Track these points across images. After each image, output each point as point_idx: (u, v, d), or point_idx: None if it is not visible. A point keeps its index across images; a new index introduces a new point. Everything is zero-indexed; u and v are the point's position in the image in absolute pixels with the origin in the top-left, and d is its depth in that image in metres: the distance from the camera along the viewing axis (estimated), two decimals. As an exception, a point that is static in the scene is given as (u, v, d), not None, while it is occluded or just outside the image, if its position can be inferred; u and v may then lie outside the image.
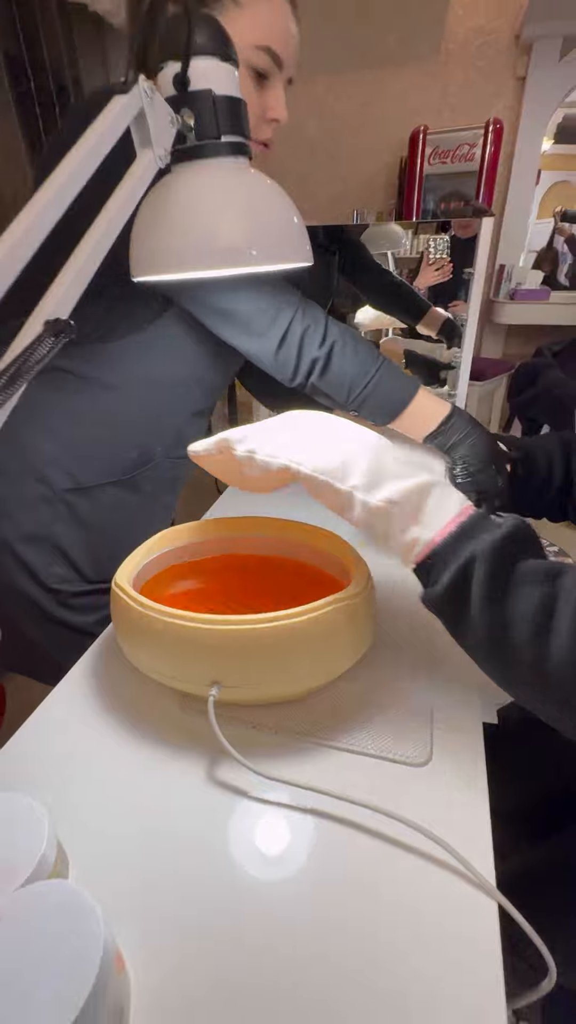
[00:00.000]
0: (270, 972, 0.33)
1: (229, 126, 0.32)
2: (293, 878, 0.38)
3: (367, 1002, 0.31)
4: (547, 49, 2.37)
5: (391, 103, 2.60)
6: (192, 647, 0.44)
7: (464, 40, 2.44)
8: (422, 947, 0.34)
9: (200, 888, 0.37)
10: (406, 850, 0.39)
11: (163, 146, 0.29)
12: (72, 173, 0.21)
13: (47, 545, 0.67)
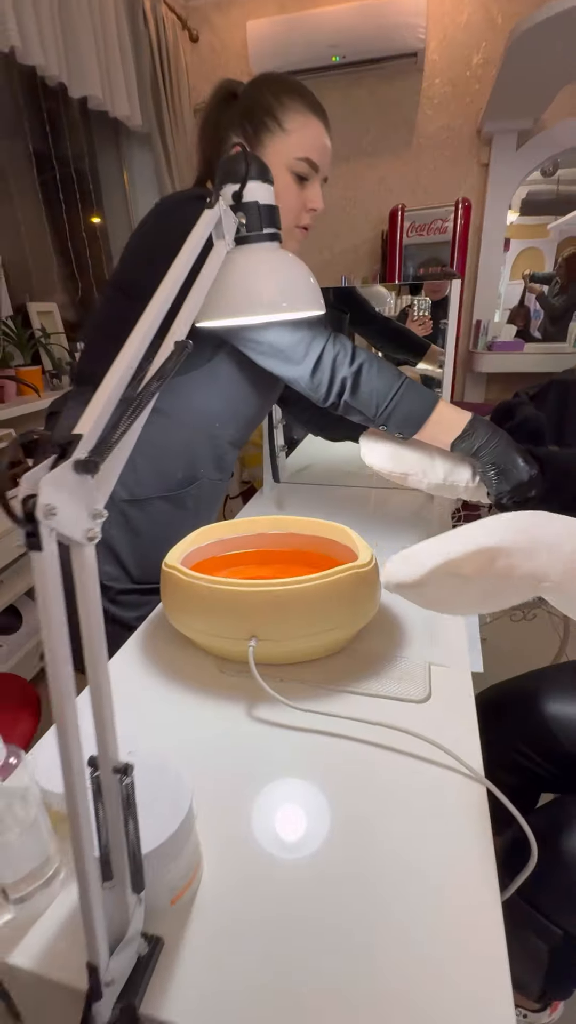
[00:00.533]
0: (299, 842, 0.42)
1: (268, 223, 0.47)
2: (318, 783, 0.47)
3: (389, 865, 0.40)
4: (505, 141, 2.74)
5: (371, 187, 2.96)
6: (234, 607, 0.55)
7: (433, 135, 2.82)
8: (430, 823, 0.43)
9: (245, 788, 0.46)
10: (412, 757, 0.49)
11: (230, 238, 0.43)
12: (184, 264, 0.35)
13: (103, 546, 0.79)
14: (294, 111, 0.71)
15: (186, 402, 0.78)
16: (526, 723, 0.81)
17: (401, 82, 2.76)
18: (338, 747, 0.50)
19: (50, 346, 2.26)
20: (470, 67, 2.67)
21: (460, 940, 0.35)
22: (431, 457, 0.79)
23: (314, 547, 0.70)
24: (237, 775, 0.48)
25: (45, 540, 0.22)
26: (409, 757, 0.49)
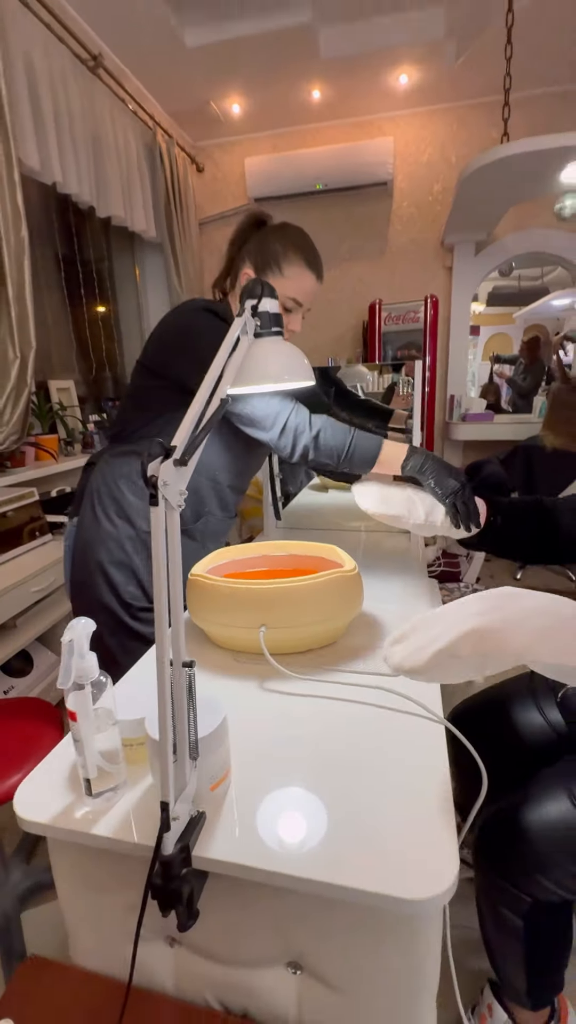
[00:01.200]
0: (303, 760, 0.55)
1: (274, 325, 0.68)
2: (318, 726, 0.61)
3: (372, 764, 0.54)
4: (464, 249, 3.23)
5: (351, 285, 3.41)
6: (248, 601, 0.71)
7: (403, 245, 3.31)
8: (403, 756, 0.56)
9: (263, 732, 0.60)
10: (388, 709, 0.62)
11: (251, 334, 0.64)
12: (224, 352, 0.55)
13: (128, 570, 0.95)
14: (294, 263, 0.94)
15: None
16: (494, 730, 0.93)
17: (374, 204, 3.28)
18: (332, 706, 0.64)
19: (66, 417, 2.51)
20: (432, 193, 3.20)
21: (421, 802, 0.48)
22: (413, 501, 0.97)
23: (309, 561, 0.86)
24: (255, 724, 0.61)
25: (160, 499, 0.40)
26: (386, 710, 0.63)
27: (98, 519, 0.97)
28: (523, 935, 0.73)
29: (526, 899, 0.72)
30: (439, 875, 0.41)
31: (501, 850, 0.73)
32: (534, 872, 0.70)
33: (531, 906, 0.72)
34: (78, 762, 0.49)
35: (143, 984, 0.56)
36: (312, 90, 2.85)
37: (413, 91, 2.88)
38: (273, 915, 0.49)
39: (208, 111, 3.01)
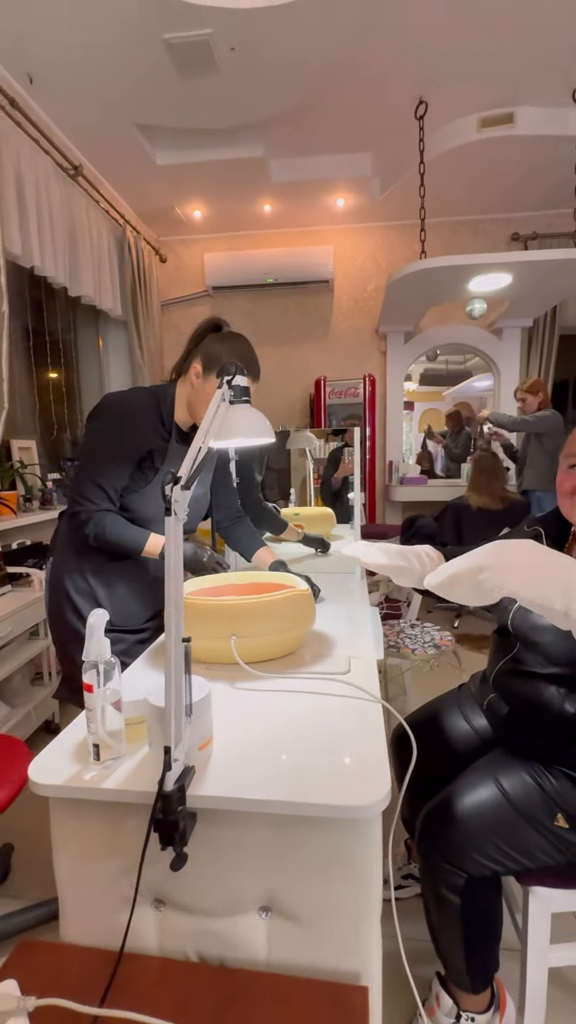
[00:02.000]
0: (269, 741, 0.68)
1: (244, 395, 0.88)
2: (282, 712, 0.74)
3: (325, 734, 0.67)
4: (395, 338, 3.73)
5: (299, 364, 3.82)
6: (221, 615, 0.85)
7: (343, 331, 3.78)
8: (350, 727, 0.71)
9: (235, 721, 0.72)
10: (339, 696, 0.77)
11: (227, 402, 0.84)
12: (210, 415, 0.73)
13: (90, 596, 1.10)
14: (213, 370, 1.09)
15: (142, 504, 1.12)
16: (431, 738, 1.07)
17: (318, 297, 3.76)
18: (293, 697, 0.78)
19: (26, 475, 2.59)
20: (366, 291, 3.73)
21: (362, 752, 0.62)
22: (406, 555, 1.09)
23: (269, 587, 1.02)
24: (230, 712, 0.73)
25: (172, 511, 0.56)
26: (338, 697, 0.77)
27: (65, 557, 1.14)
28: (460, 911, 0.84)
29: (462, 875, 0.83)
30: (376, 790, 0.56)
31: (440, 834, 0.85)
32: (468, 850, 0.82)
33: (467, 882, 0.83)
34: (88, 731, 0.60)
35: (131, 948, 0.63)
36: (264, 204, 3.34)
37: (348, 212, 3.44)
38: (249, 859, 0.60)
39: (173, 214, 3.44)
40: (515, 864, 0.80)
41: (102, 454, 1.09)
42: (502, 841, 0.80)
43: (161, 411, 1.13)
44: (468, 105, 2.58)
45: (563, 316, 3.56)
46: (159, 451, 1.12)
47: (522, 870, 0.80)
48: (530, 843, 0.79)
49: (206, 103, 2.41)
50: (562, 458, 0.89)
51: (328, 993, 0.58)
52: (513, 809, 0.80)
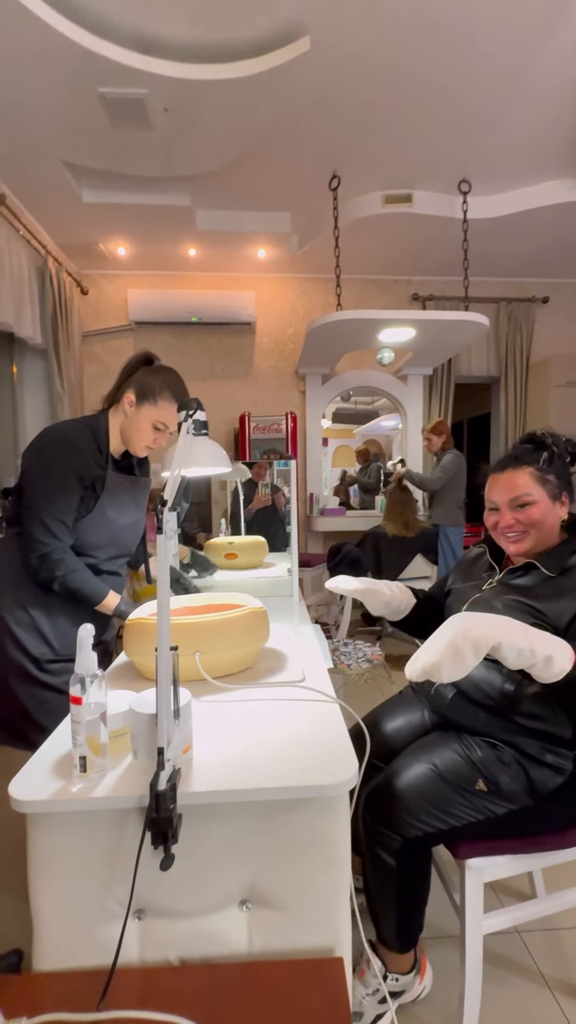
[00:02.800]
0: (240, 743, 0.74)
1: (203, 428, 0.96)
2: (247, 717, 0.80)
3: (294, 742, 0.74)
4: (314, 379, 4.00)
5: (224, 399, 3.95)
6: (186, 633, 0.90)
7: (266, 370, 3.98)
8: (311, 725, 0.78)
9: (206, 731, 0.77)
10: (297, 700, 0.84)
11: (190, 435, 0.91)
12: (179, 448, 0.79)
13: (33, 629, 1.09)
14: (165, 398, 1.17)
15: (85, 532, 1.14)
16: (382, 738, 1.16)
17: (241, 338, 3.95)
18: (256, 705, 0.84)
19: None
20: (286, 335, 3.98)
21: (325, 742, 0.70)
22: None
23: (225, 607, 1.08)
24: (200, 724, 0.78)
25: (163, 528, 0.62)
26: (297, 701, 0.85)
27: (3, 591, 1.11)
28: (395, 871, 0.94)
29: (397, 839, 0.94)
30: (346, 770, 0.64)
31: (380, 805, 0.96)
32: (402, 814, 0.93)
33: (401, 844, 0.94)
34: (74, 744, 0.62)
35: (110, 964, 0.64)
36: (189, 248, 3.50)
37: (269, 262, 3.70)
38: (230, 853, 0.65)
39: (96, 249, 3.47)
40: (441, 824, 0.92)
41: (51, 489, 1.09)
42: (430, 805, 0.92)
43: (97, 440, 1.17)
44: (374, 183, 2.95)
45: (457, 367, 4.06)
46: (99, 480, 1.15)
47: (448, 828, 0.92)
48: (453, 805, 0.92)
49: (137, 153, 2.53)
50: (486, 500, 1.05)
51: (308, 969, 0.64)
52: (442, 779, 0.93)
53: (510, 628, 0.75)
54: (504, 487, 1.01)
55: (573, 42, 2.03)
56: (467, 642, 0.72)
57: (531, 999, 1.06)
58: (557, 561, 0.96)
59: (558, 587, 0.93)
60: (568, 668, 0.75)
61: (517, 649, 0.73)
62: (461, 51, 2.07)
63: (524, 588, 0.96)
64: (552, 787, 0.92)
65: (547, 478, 1.00)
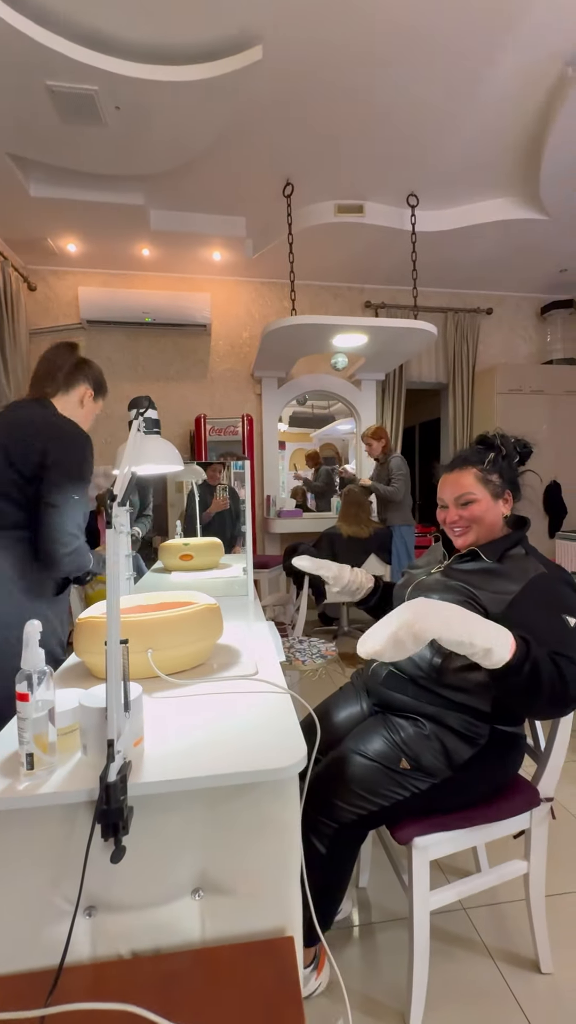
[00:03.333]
0: (192, 736, 0.75)
1: (155, 427, 0.96)
2: (202, 712, 0.81)
3: (246, 732, 0.76)
4: (270, 382, 4.03)
5: (178, 401, 3.91)
6: (136, 630, 0.90)
7: (221, 373, 3.98)
8: (263, 715, 0.80)
9: (158, 725, 0.77)
10: (251, 692, 0.86)
11: (141, 433, 0.90)
12: (128, 446, 0.78)
13: None
14: (103, 394, 1.39)
15: None
16: (329, 728, 1.20)
17: (196, 339, 3.93)
18: (210, 699, 0.85)
19: None
20: (242, 338, 4.00)
21: (277, 730, 0.72)
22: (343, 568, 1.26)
23: (178, 605, 1.08)
24: (152, 719, 0.78)
25: (112, 522, 0.62)
26: (249, 693, 0.86)
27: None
28: (323, 860, 0.98)
29: (332, 825, 0.98)
30: (295, 754, 0.66)
31: (317, 792, 1.00)
32: (337, 801, 0.98)
33: (335, 831, 0.98)
34: (21, 741, 0.62)
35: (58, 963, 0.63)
36: (143, 248, 3.46)
37: (224, 265, 3.72)
38: (183, 843, 0.66)
39: (44, 244, 3.37)
40: (372, 805, 0.97)
41: (84, 484, 1.20)
42: (360, 789, 0.97)
43: None
44: (327, 192, 3.03)
45: (408, 373, 4.21)
46: None
47: (378, 810, 0.97)
48: (381, 785, 0.97)
49: (88, 149, 2.49)
50: (438, 498, 1.13)
51: (260, 951, 0.65)
52: (371, 763, 0.98)
53: (451, 623, 0.79)
54: (452, 486, 1.09)
55: (514, 67, 2.17)
56: (409, 635, 0.78)
57: (475, 969, 1.12)
58: (496, 551, 1.03)
59: (494, 575, 1.00)
60: (507, 658, 0.80)
61: (456, 642, 0.78)
62: (409, 72, 2.16)
63: (465, 573, 1.04)
64: (467, 757, 0.99)
65: (490, 478, 1.08)
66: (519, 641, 0.82)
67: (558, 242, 3.44)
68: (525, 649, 0.81)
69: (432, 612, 0.80)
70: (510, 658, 0.80)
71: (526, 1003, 1.04)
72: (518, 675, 0.80)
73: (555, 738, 1.06)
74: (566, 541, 2.56)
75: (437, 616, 0.79)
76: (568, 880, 1.34)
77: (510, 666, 0.80)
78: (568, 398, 4.02)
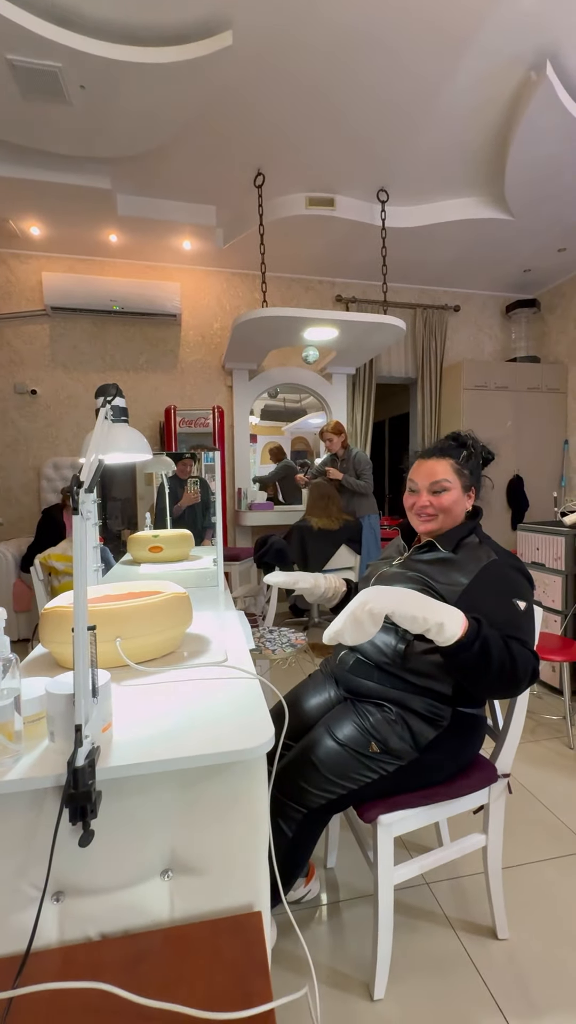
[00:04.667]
0: (163, 722, 0.76)
1: (123, 415, 0.95)
2: (172, 699, 0.81)
3: (215, 719, 0.77)
4: (240, 374, 4.01)
5: (148, 392, 3.85)
6: (104, 619, 0.89)
7: (192, 364, 3.94)
8: (232, 700, 0.81)
9: (128, 712, 0.78)
10: (221, 679, 0.87)
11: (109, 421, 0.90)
12: (97, 434, 0.77)
13: None
14: None
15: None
16: (297, 715, 1.22)
17: (166, 329, 3.87)
18: (179, 686, 0.86)
19: None
20: (212, 329, 3.96)
21: (245, 713, 0.74)
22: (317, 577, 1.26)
23: (144, 594, 1.08)
24: (121, 707, 0.78)
25: (80, 510, 0.62)
26: (220, 679, 0.88)
27: None
28: (289, 842, 1.02)
29: (301, 810, 1.01)
30: (263, 735, 0.68)
31: (287, 777, 1.03)
32: (307, 787, 1.01)
33: (304, 816, 1.01)
34: (-13, 730, 0.61)
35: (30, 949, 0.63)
36: (110, 234, 3.37)
37: (195, 254, 3.66)
38: (152, 824, 0.66)
39: (6, 227, 3.25)
40: (341, 789, 1.00)
41: None
42: (331, 774, 1.00)
43: None
44: (298, 184, 3.02)
45: (378, 368, 4.26)
46: None
47: (347, 793, 1.00)
48: (351, 769, 1.01)
49: (52, 128, 2.41)
50: (408, 481, 1.16)
51: (227, 927, 0.67)
52: (341, 748, 1.01)
53: (404, 600, 0.84)
54: (427, 472, 1.12)
55: (479, 70, 2.21)
56: (364, 612, 0.83)
57: (436, 939, 1.17)
58: (451, 540, 1.07)
59: (449, 564, 1.04)
60: (459, 634, 0.84)
61: (411, 617, 0.83)
62: (378, 68, 2.18)
63: (423, 564, 1.07)
64: (431, 738, 1.03)
65: (463, 471, 1.12)
66: (470, 620, 0.86)
67: (522, 243, 3.53)
68: (476, 627, 0.86)
69: (385, 592, 0.85)
70: (461, 634, 0.84)
71: (484, 968, 1.10)
72: (468, 651, 0.85)
73: (511, 718, 1.11)
74: (527, 533, 2.66)
75: (390, 595, 0.85)
76: (522, 852, 1.41)
77: (461, 643, 0.84)
78: (531, 395, 4.15)
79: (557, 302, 4.26)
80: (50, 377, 3.69)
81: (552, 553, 2.47)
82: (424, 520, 1.12)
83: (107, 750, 0.66)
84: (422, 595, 0.86)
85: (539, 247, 3.62)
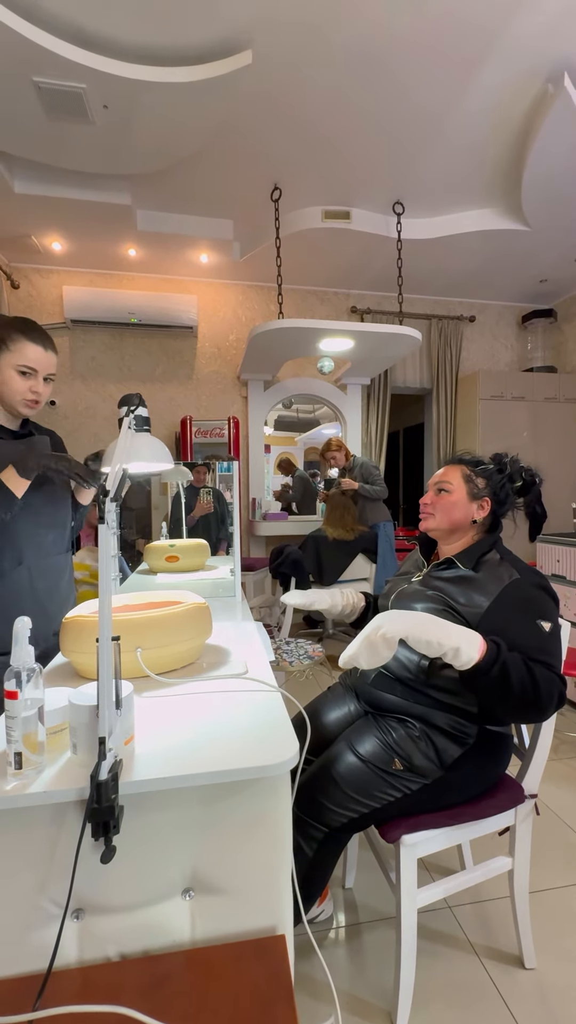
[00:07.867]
0: (185, 734, 0.74)
1: (145, 424, 0.95)
2: (194, 711, 0.80)
3: (238, 732, 0.76)
4: (256, 385, 4.04)
5: (164, 402, 3.89)
6: (127, 629, 0.89)
7: (207, 375, 3.97)
8: (255, 714, 0.80)
9: (149, 724, 0.76)
10: (241, 691, 0.86)
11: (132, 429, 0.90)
12: (120, 443, 0.77)
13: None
14: (15, 339, 1.11)
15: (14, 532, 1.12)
16: (317, 729, 1.20)
17: (182, 341, 3.92)
18: (201, 698, 0.85)
19: None
20: (228, 341, 4.00)
21: (269, 728, 0.72)
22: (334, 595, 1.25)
23: (163, 604, 1.07)
24: (143, 719, 0.77)
25: (104, 518, 0.62)
26: (240, 692, 0.86)
27: None
28: (309, 861, 0.99)
29: (323, 829, 0.98)
30: (287, 751, 0.66)
31: (310, 796, 1.00)
32: (329, 805, 0.98)
33: (325, 836, 0.98)
34: (9, 740, 0.60)
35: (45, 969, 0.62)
36: (129, 248, 3.44)
37: (211, 267, 3.71)
38: (174, 841, 0.65)
39: (28, 242, 3.33)
40: (364, 808, 0.97)
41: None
42: (351, 790, 0.98)
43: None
44: (314, 198, 3.05)
45: (393, 378, 4.25)
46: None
47: (369, 812, 0.97)
48: (373, 787, 0.98)
49: (75, 147, 2.47)
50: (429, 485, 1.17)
51: (251, 950, 0.65)
52: (364, 766, 0.99)
53: (419, 624, 0.83)
54: (438, 475, 1.16)
55: (496, 83, 2.22)
56: (379, 637, 0.82)
57: (460, 967, 1.13)
58: (471, 558, 1.05)
59: (470, 583, 1.02)
60: (476, 658, 0.82)
61: (425, 642, 0.82)
62: (392, 86, 2.20)
63: (444, 582, 1.05)
64: (456, 756, 1.00)
65: (475, 480, 1.11)
66: (489, 643, 0.84)
67: (538, 253, 3.52)
68: (495, 651, 0.83)
69: (400, 616, 0.84)
70: (479, 659, 0.82)
71: (511, 999, 1.05)
72: (487, 676, 0.82)
73: (538, 736, 1.08)
74: (546, 544, 2.61)
75: (404, 620, 0.84)
76: (550, 876, 1.36)
77: (479, 667, 0.82)
78: (547, 405, 4.11)
79: (574, 312, 4.23)
80: (69, 388, 3.75)
81: (574, 565, 2.42)
82: (423, 516, 1.15)
83: (129, 763, 0.65)
84: (438, 619, 0.85)
85: (556, 257, 3.60)
